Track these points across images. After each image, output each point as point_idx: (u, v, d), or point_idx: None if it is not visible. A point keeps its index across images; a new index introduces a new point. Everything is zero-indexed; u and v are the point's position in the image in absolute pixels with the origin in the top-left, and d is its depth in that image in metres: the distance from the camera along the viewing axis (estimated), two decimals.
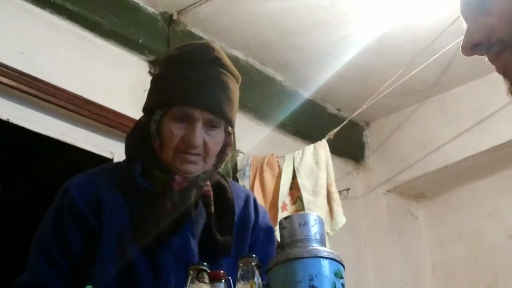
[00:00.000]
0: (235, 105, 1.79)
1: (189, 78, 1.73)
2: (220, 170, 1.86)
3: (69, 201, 1.71)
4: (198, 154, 1.73)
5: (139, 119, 1.86)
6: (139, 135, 1.80)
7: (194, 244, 1.72)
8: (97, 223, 1.68)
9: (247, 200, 1.88)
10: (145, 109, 1.81)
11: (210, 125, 1.73)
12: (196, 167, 1.74)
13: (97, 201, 1.70)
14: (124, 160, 1.85)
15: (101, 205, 1.70)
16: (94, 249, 1.66)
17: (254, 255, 1.40)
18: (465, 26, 1.09)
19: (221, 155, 1.80)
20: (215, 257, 1.71)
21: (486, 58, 1.07)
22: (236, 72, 1.82)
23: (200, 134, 1.71)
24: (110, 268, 1.65)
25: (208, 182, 1.79)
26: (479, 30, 1.05)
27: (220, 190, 1.81)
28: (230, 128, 1.79)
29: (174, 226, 1.69)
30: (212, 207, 1.76)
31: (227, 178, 1.89)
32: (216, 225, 1.74)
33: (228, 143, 1.81)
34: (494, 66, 1.07)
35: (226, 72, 1.77)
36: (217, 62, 1.77)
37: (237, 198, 1.84)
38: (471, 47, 1.06)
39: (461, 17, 1.10)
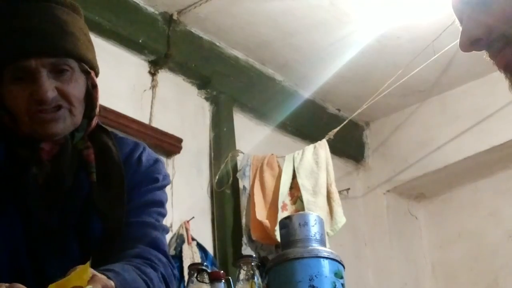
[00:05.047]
0: (81, 37, 1.48)
1: (8, 28, 1.44)
2: (96, 121, 1.54)
3: None
4: (60, 107, 1.43)
5: None
6: None
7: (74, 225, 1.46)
8: None
9: (130, 154, 1.57)
10: None
11: (58, 70, 1.43)
12: (64, 124, 1.44)
13: None
14: None
15: None
16: None
17: (254, 255, 1.39)
18: (457, 22, 1.06)
19: (89, 101, 1.50)
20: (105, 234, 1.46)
21: (485, 55, 1.05)
22: (68, 1, 1.50)
23: (49, 84, 1.41)
24: None
25: (89, 144, 1.52)
26: (479, 25, 1.02)
27: (103, 151, 1.52)
28: (86, 66, 1.48)
29: (47, 204, 1.45)
30: (94, 175, 1.48)
31: (112, 133, 1.59)
32: (101, 196, 1.46)
33: (92, 84, 1.51)
34: (494, 65, 1.04)
35: (53, 5, 1.46)
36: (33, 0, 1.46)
37: (123, 156, 1.55)
38: (471, 43, 1.03)
39: (453, 12, 1.07)
